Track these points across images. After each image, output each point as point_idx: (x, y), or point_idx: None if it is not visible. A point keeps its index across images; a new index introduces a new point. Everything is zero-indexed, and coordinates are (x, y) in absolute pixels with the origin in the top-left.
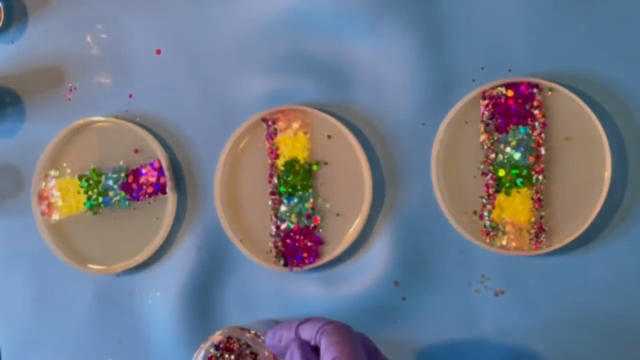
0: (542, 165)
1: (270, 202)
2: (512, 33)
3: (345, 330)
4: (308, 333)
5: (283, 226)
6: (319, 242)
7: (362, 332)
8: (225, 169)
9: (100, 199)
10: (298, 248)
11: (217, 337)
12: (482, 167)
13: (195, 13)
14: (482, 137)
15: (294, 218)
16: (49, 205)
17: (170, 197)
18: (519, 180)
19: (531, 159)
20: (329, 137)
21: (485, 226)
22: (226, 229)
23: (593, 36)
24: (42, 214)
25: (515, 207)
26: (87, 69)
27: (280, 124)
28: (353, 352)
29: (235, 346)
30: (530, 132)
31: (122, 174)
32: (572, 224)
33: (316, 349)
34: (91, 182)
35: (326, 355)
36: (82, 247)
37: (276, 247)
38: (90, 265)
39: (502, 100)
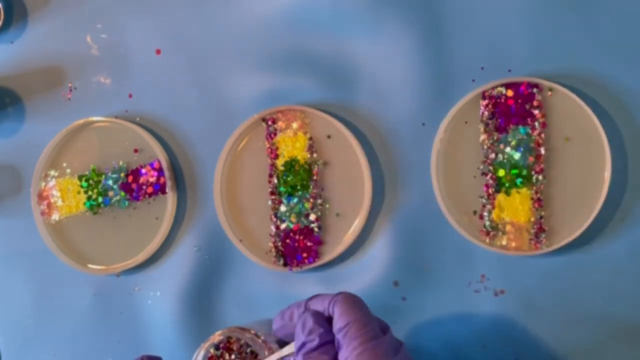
0: (542, 165)
1: (270, 202)
2: (512, 33)
3: (357, 299)
4: (320, 305)
5: (283, 226)
6: (319, 242)
7: None
8: (225, 169)
9: (100, 199)
10: (298, 248)
11: (217, 337)
12: (482, 167)
13: (195, 13)
14: (482, 137)
15: (293, 218)
16: (49, 205)
17: (170, 197)
18: (519, 180)
19: (531, 159)
20: (328, 137)
21: (485, 226)
22: (226, 229)
23: (593, 36)
24: (42, 213)
25: (515, 207)
26: (87, 68)
27: (280, 124)
28: (365, 317)
29: (235, 346)
30: (530, 132)
31: (122, 174)
32: (572, 224)
33: (328, 320)
34: (91, 182)
35: (340, 322)
36: (82, 247)
37: (276, 247)
38: (90, 265)
39: (502, 100)
